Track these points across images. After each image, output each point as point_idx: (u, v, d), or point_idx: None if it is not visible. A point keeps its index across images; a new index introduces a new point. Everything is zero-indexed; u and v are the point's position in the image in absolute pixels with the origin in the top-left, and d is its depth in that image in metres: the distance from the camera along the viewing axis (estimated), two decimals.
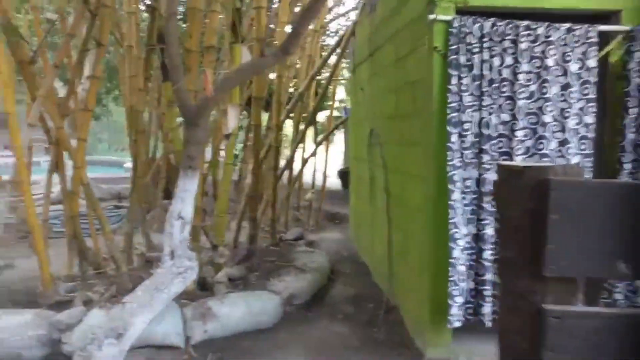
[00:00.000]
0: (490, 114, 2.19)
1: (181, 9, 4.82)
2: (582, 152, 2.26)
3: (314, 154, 5.09)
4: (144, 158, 3.44)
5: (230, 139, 2.83)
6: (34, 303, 3.05)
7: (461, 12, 2.26)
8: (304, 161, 5.13)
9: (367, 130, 3.90)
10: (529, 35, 2.19)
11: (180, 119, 3.33)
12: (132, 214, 3.42)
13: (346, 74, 6.16)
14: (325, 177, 5.52)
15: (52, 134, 3.11)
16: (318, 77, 5.16)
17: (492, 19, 2.21)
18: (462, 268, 2.22)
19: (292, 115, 4.71)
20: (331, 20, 6.28)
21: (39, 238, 2.83)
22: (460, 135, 2.22)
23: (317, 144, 5.03)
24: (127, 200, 6.57)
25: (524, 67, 2.20)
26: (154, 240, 4.18)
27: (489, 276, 2.20)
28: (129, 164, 14.75)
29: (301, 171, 5.20)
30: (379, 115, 3.46)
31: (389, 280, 3.21)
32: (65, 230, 3.28)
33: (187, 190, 2.55)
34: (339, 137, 11.51)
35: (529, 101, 2.21)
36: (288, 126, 5.94)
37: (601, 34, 2.27)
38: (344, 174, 8.31)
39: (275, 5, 3.98)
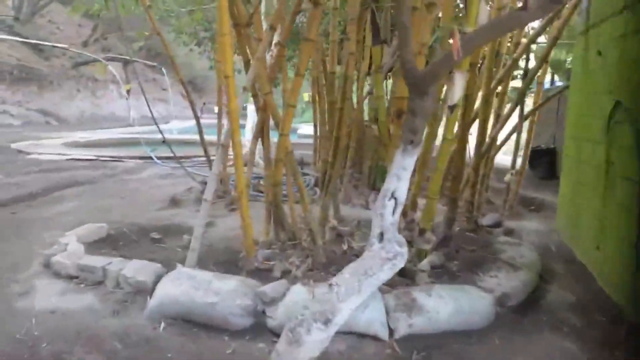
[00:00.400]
0: None
1: None
2: None
3: (518, 129, 4.45)
4: (345, 128, 3.24)
5: (454, 111, 2.44)
6: (233, 265, 3.09)
7: None
8: (505, 137, 4.52)
9: (603, 104, 3.19)
10: None
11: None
12: (331, 185, 3.27)
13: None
14: (526, 156, 4.85)
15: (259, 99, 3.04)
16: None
17: None
18: None
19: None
20: None
21: (245, 204, 2.80)
22: None
23: (524, 118, 4.37)
24: (310, 168, 6.65)
25: None
26: (342, 212, 4.06)
27: None
28: (302, 130, 15.38)
29: (499, 148, 4.61)
30: (633, 86, 2.75)
31: (633, 294, 2.58)
32: (265, 197, 3.26)
33: (405, 169, 2.24)
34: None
35: None
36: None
37: None
38: (536, 154, 7.39)
39: None
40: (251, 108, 7.50)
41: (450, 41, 1.82)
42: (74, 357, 2.16)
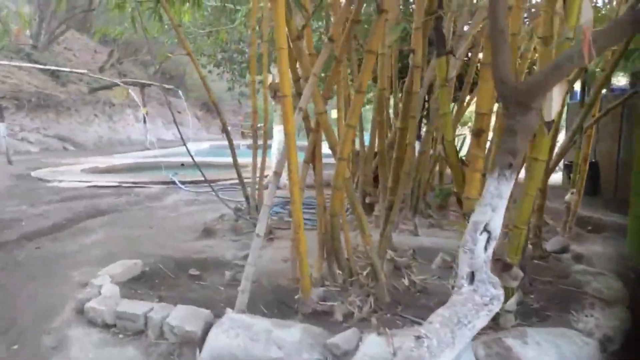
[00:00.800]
0: None
1: None
2: None
3: (574, 141, 4.09)
4: (411, 150, 2.92)
5: (551, 127, 2.12)
6: (285, 306, 2.77)
7: None
8: (562, 152, 4.16)
9: None
10: None
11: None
12: (393, 214, 2.94)
13: None
14: (584, 173, 4.47)
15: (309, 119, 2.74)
16: None
17: None
18: None
19: None
20: None
21: (302, 239, 2.48)
22: None
23: (584, 130, 4.01)
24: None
25: None
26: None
27: None
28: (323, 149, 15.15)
29: (556, 164, 4.24)
30: None
31: None
32: (318, 228, 2.93)
33: (502, 197, 1.90)
34: None
35: None
36: None
37: None
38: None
39: None
40: (277, 128, 7.21)
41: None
42: None
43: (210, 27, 10.42)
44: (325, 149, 2.81)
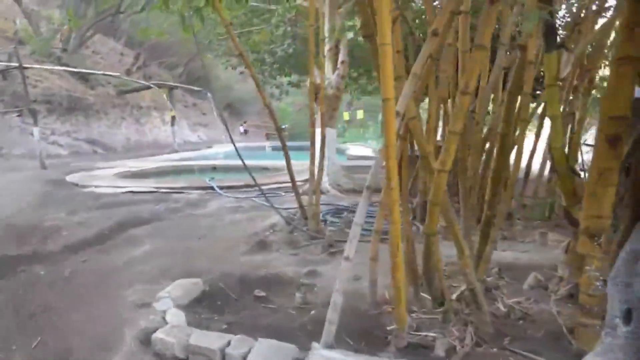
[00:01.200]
0: None
1: None
2: None
3: None
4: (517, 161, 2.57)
5: None
6: (371, 336, 2.45)
7: None
8: None
9: None
10: None
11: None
12: (494, 231, 2.59)
13: None
14: None
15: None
16: None
17: None
18: None
19: None
20: None
21: (400, 264, 2.16)
22: None
23: None
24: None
25: None
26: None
27: None
28: (352, 151, 14.83)
29: None
30: None
31: None
32: (405, 247, 2.61)
33: None
34: None
35: None
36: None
37: None
38: None
39: None
40: (317, 131, 6.90)
41: None
42: None
43: (241, 28, 10.20)
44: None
